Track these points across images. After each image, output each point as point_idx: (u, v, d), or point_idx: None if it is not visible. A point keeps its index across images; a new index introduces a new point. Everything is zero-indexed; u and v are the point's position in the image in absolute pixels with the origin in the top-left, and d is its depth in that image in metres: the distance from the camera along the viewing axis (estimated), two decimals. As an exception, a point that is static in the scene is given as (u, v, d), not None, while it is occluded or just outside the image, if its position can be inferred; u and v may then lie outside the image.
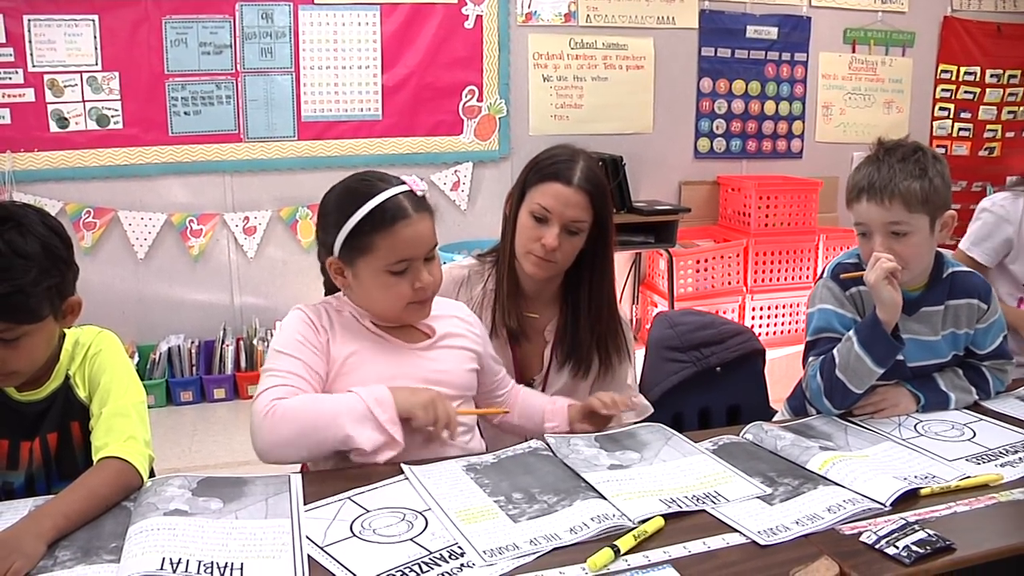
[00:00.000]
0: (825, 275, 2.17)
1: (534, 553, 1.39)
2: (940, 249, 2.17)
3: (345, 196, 1.79)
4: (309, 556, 1.37)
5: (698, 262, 5.36)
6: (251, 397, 4.66)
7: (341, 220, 1.75)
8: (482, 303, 2.17)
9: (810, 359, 2.11)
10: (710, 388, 2.39)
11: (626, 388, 2.23)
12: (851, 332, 2.00)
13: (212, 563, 1.32)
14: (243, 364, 4.84)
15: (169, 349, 4.75)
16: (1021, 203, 2.59)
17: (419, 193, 1.79)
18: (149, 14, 4.61)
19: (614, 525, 1.47)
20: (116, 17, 4.56)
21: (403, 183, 1.79)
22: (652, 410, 2.21)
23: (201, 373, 4.78)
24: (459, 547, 1.41)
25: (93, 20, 4.52)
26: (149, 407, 1.75)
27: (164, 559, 1.30)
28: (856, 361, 1.97)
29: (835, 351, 2.02)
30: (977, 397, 2.13)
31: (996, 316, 2.19)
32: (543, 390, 2.21)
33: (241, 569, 1.32)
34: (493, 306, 2.17)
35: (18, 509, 1.51)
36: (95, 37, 4.54)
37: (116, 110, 4.66)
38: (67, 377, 1.75)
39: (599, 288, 2.16)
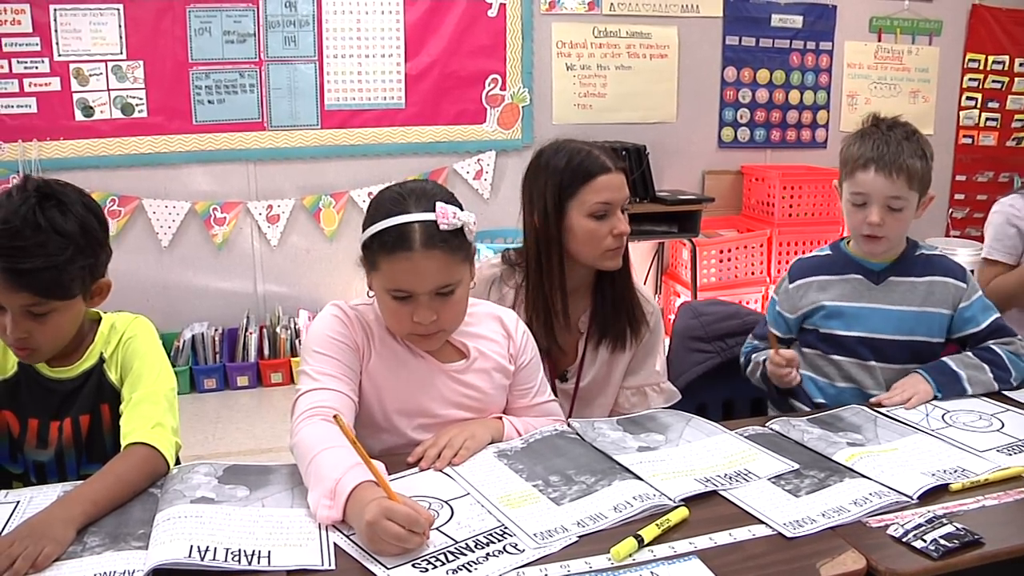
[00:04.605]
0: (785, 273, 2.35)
1: (583, 534, 1.40)
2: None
3: (375, 204, 1.74)
4: (335, 544, 1.38)
5: (721, 252, 5.33)
6: (274, 385, 4.72)
7: (365, 225, 1.72)
8: (515, 301, 2.16)
9: (751, 335, 2.36)
10: (734, 379, 2.38)
11: (655, 373, 2.23)
12: (761, 361, 2.24)
13: (240, 550, 1.32)
14: (266, 352, 4.86)
15: (193, 337, 4.78)
16: None
17: (443, 226, 1.65)
18: (173, 3, 4.63)
19: (657, 504, 1.49)
20: (140, 6, 4.58)
21: (432, 211, 1.66)
22: (679, 396, 2.22)
23: (224, 361, 4.82)
24: (502, 529, 1.42)
25: (118, 9, 4.54)
26: (174, 394, 1.77)
27: (192, 547, 1.30)
28: (754, 379, 2.28)
29: (754, 357, 2.29)
30: (992, 375, 2.11)
31: (978, 293, 2.22)
32: (577, 381, 2.20)
33: (268, 556, 1.32)
34: (527, 306, 2.14)
35: (48, 494, 1.52)
36: (120, 26, 4.56)
37: (141, 99, 4.68)
38: (100, 359, 1.78)
39: (626, 259, 2.17)
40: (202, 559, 1.28)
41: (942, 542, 1.39)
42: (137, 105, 4.68)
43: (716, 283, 5.30)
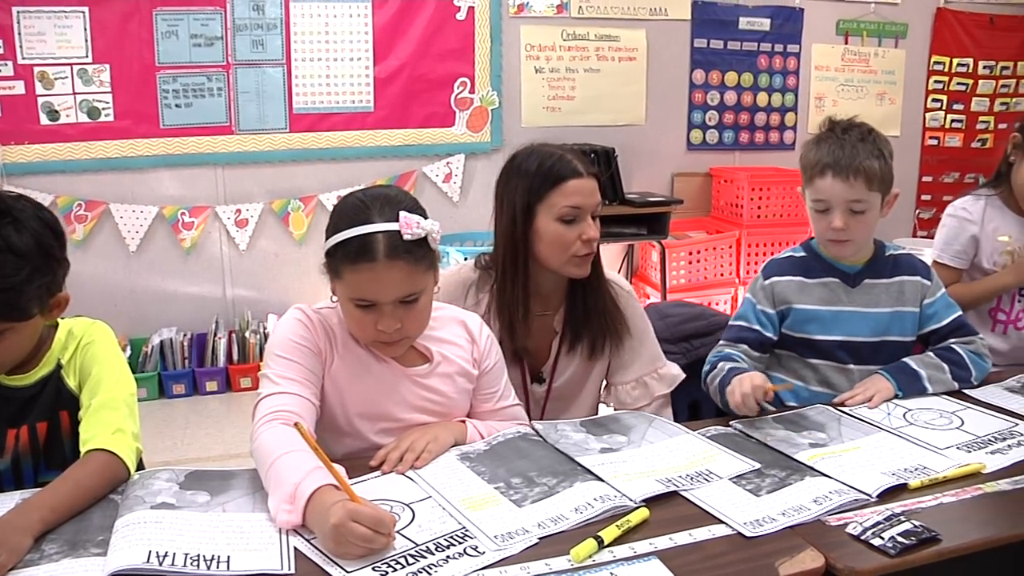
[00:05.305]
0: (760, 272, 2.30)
1: (543, 536, 1.41)
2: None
3: (338, 212, 1.73)
4: (295, 548, 1.38)
5: (691, 254, 5.36)
6: (243, 390, 4.70)
7: (328, 233, 1.72)
8: (490, 306, 2.15)
9: (721, 341, 2.24)
10: (701, 380, 2.38)
11: (649, 361, 2.22)
12: (728, 369, 2.09)
13: (199, 555, 1.32)
14: (235, 357, 4.84)
15: (161, 342, 4.75)
16: (982, 203, 2.62)
17: (407, 236, 1.64)
18: (140, 6, 4.60)
19: (618, 505, 1.50)
20: (106, 9, 4.54)
21: (396, 220, 1.65)
22: (683, 375, 2.23)
23: (193, 366, 4.79)
24: (463, 532, 1.42)
25: (83, 12, 4.50)
26: (141, 400, 1.74)
27: (151, 552, 1.30)
28: (712, 386, 2.14)
29: (720, 365, 2.14)
30: (952, 375, 2.14)
31: (941, 290, 2.25)
32: (551, 381, 2.20)
33: (228, 561, 1.32)
34: (497, 307, 2.14)
35: (4, 502, 1.50)
36: (85, 29, 4.52)
37: (107, 102, 4.64)
38: (58, 366, 1.75)
39: (597, 265, 2.16)
40: (160, 564, 1.28)
41: (899, 539, 1.41)
42: (103, 109, 4.64)
43: (685, 284, 5.33)
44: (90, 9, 4.52)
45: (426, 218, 1.69)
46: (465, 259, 4.42)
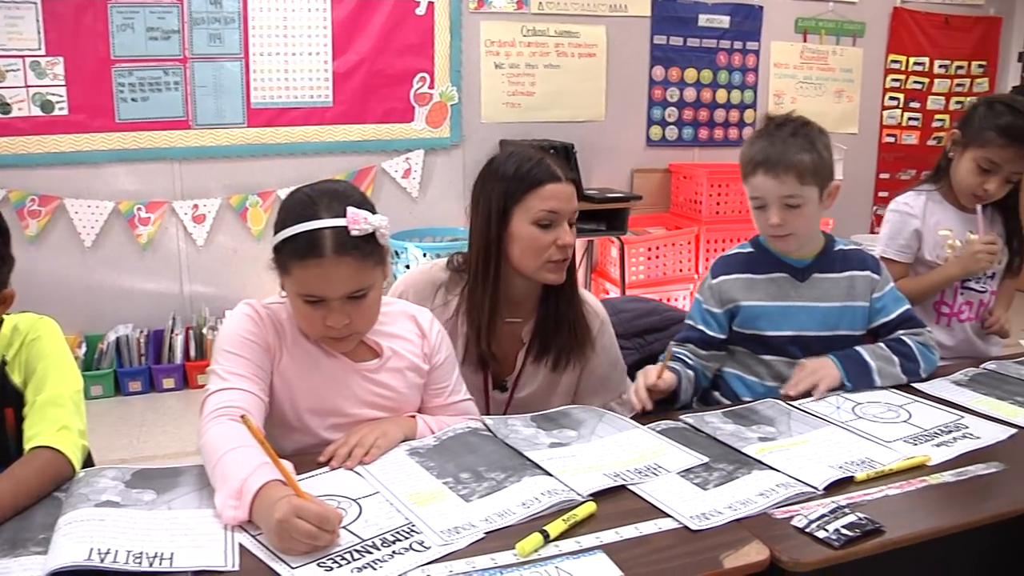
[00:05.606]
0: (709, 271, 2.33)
1: (490, 530, 1.41)
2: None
3: (285, 207, 1.72)
4: (240, 544, 1.37)
5: (650, 249, 5.38)
6: (201, 387, 4.64)
7: (276, 229, 1.71)
8: (459, 309, 2.14)
9: (672, 341, 2.22)
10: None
11: (615, 389, 2.26)
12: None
13: (142, 552, 1.31)
14: (193, 353, 4.80)
15: (117, 339, 4.70)
16: (923, 198, 2.67)
17: (354, 232, 1.64)
18: (95, -1, 4.54)
19: (565, 499, 1.50)
20: (59, 1, 4.47)
21: (344, 216, 1.65)
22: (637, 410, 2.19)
23: (150, 363, 4.74)
24: (410, 527, 1.42)
25: (35, 3, 4.43)
26: (97, 398, 1.71)
27: (92, 549, 1.28)
28: None
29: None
30: (901, 368, 2.15)
31: (890, 284, 2.27)
32: (513, 391, 2.19)
33: (171, 558, 1.31)
34: (467, 311, 2.13)
35: (-55, 501, 1.48)
36: (37, 21, 4.44)
37: (61, 96, 4.58)
38: (3, 362, 1.72)
39: (572, 274, 2.15)
40: (102, 561, 1.26)
41: (844, 531, 1.43)
42: (57, 102, 4.57)
43: (645, 280, 5.35)
44: (42, 1, 4.45)
45: (375, 213, 1.69)
46: (424, 255, 4.39)
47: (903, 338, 2.21)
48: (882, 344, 2.21)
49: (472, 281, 2.11)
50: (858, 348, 2.18)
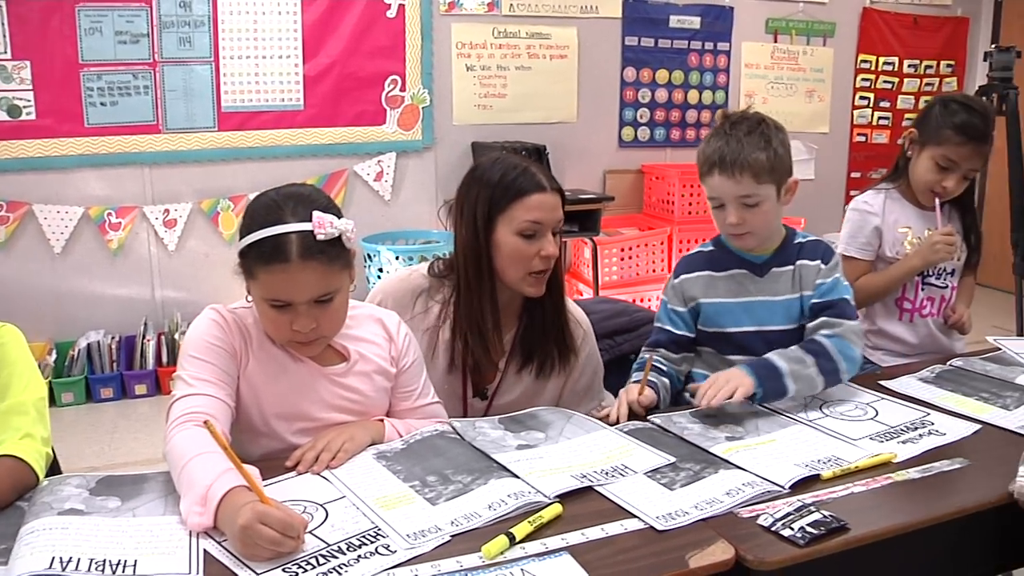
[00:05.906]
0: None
1: (456, 533, 1.41)
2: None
3: (250, 212, 1.71)
4: (205, 551, 1.36)
5: (622, 250, 5.39)
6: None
7: (242, 233, 1.70)
8: (440, 316, 2.12)
9: (644, 346, 2.29)
10: (624, 376, 2.39)
11: (594, 399, 2.26)
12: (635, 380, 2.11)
13: (104, 560, 1.30)
14: (165, 359, 4.76)
15: (88, 345, 4.65)
16: (882, 197, 2.70)
17: (320, 236, 1.63)
18: (62, 2, 4.50)
19: (531, 501, 1.50)
20: (25, 4, 4.44)
21: (309, 220, 1.63)
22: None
23: (122, 369, 4.70)
24: (375, 531, 1.42)
25: (1, 6, 4.40)
26: (68, 405, 1.70)
27: (54, 558, 1.28)
28: None
29: (636, 374, 2.16)
30: (817, 368, 2.03)
31: (834, 275, 2.18)
32: (492, 398, 2.18)
33: (135, 566, 1.30)
34: (453, 328, 2.11)
35: (-95, 511, 1.47)
36: (3, 24, 4.41)
37: (28, 100, 4.54)
38: None
39: (558, 283, 2.15)
40: (64, 570, 1.26)
41: (809, 529, 1.43)
42: (24, 107, 4.54)
43: (618, 281, 5.36)
44: (7, 4, 4.41)
45: (340, 217, 1.68)
46: (397, 258, 4.36)
47: (815, 337, 2.10)
48: (795, 347, 2.10)
49: (466, 291, 2.08)
50: (768, 355, 2.07)
